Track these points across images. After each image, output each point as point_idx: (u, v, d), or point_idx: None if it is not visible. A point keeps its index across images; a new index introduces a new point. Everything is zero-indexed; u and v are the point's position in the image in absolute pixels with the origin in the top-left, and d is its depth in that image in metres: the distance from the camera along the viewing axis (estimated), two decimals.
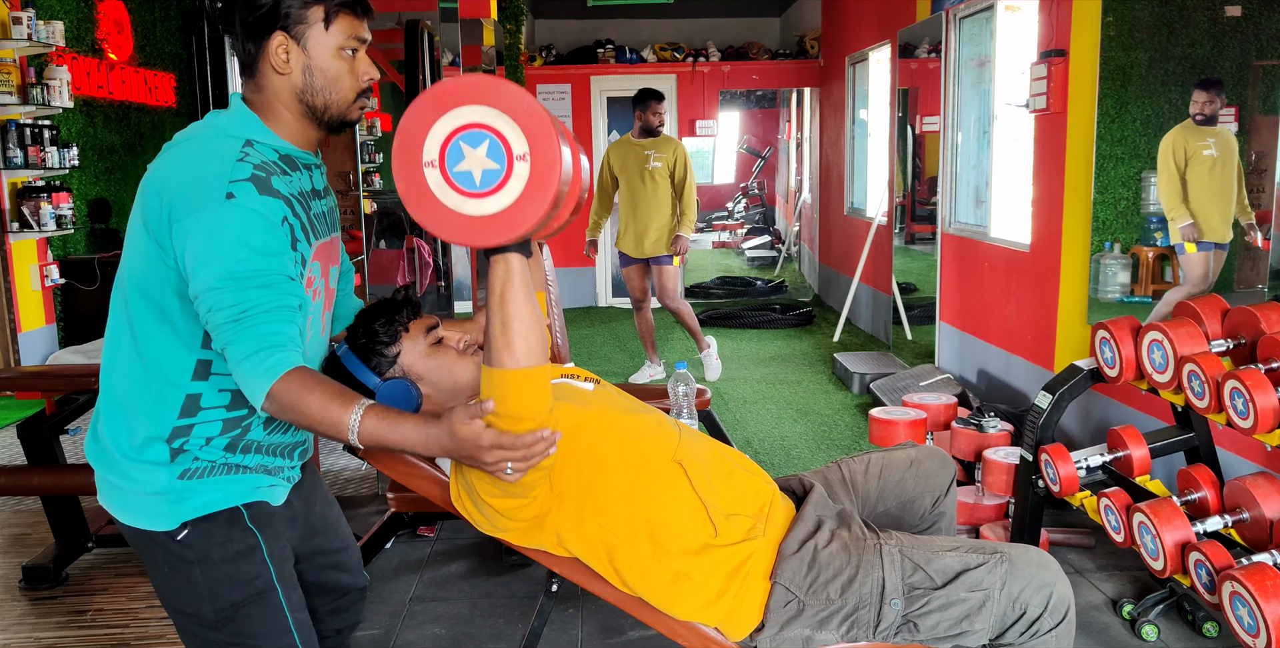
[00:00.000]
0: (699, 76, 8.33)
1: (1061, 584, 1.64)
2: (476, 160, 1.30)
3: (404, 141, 1.32)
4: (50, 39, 5.08)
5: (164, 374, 1.48)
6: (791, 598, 1.63)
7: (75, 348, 5.30)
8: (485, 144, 1.30)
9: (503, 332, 1.38)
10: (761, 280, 9.10)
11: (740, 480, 1.74)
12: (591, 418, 1.67)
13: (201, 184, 1.39)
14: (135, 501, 1.52)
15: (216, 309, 1.37)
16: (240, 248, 1.37)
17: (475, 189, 1.31)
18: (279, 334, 1.38)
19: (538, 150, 1.30)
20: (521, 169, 1.30)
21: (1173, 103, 3.25)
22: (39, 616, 2.82)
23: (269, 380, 1.35)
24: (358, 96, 1.55)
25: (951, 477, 1.96)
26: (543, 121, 1.30)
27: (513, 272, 1.37)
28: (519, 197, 1.30)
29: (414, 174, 1.32)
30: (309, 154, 1.58)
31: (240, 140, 1.46)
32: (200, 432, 1.51)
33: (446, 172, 1.31)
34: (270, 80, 1.51)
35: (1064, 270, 3.83)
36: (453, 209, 1.32)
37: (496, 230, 1.32)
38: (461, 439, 1.38)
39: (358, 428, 1.38)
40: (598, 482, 1.63)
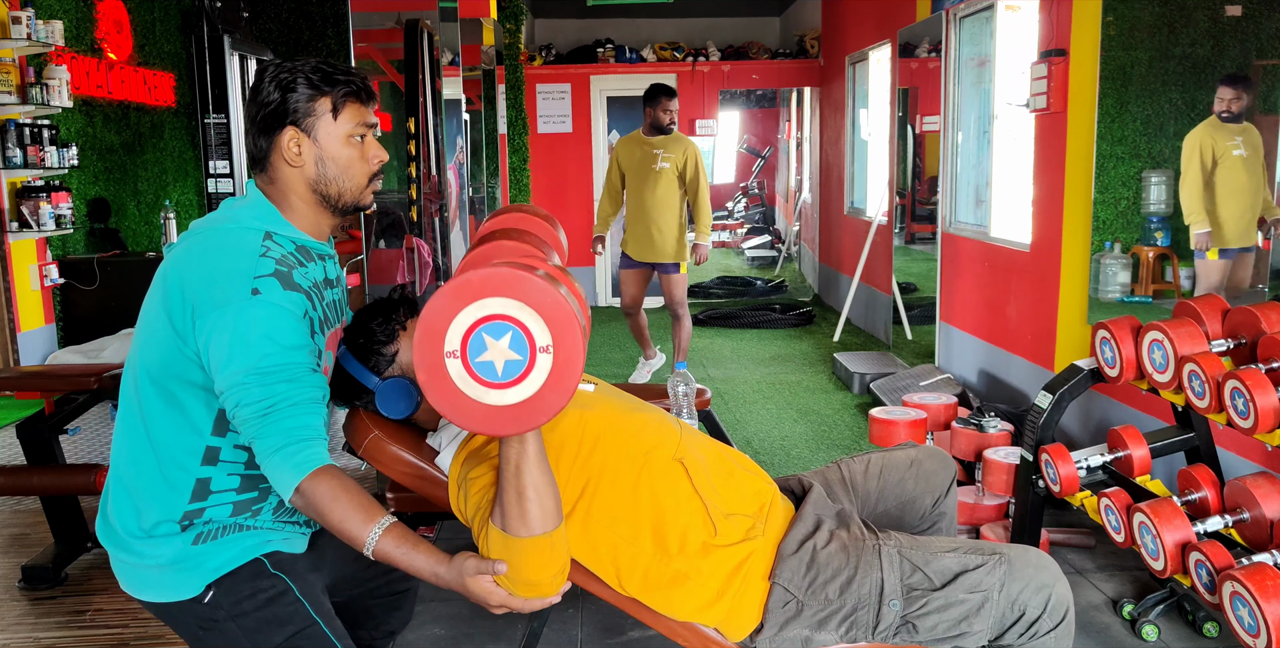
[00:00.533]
0: (699, 76, 8.33)
1: (1060, 586, 1.64)
2: (499, 351, 1.30)
3: (426, 331, 1.31)
4: (50, 38, 5.08)
5: (174, 459, 1.50)
6: (790, 598, 1.63)
7: (74, 348, 5.29)
8: (508, 336, 1.30)
9: (517, 501, 1.38)
10: (761, 280, 9.10)
11: (740, 480, 1.74)
12: (595, 419, 1.67)
13: (226, 279, 1.42)
14: (154, 576, 1.53)
15: (244, 404, 1.40)
16: (266, 343, 1.40)
17: (497, 380, 1.31)
18: (307, 428, 1.41)
19: (560, 342, 1.30)
20: (544, 361, 1.30)
21: (1173, 103, 3.25)
22: (38, 616, 2.81)
23: (299, 476, 1.39)
24: (370, 180, 1.57)
25: (952, 477, 1.96)
26: (567, 314, 1.30)
27: (528, 444, 1.37)
28: (541, 387, 1.30)
29: (435, 363, 1.31)
30: (323, 245, 1.60)
31: (260, 233, 1.49)
32: (211, 515, 1.53)
33: (468, 362, 1.31)
34: (283, 173, 1.53)
35: (1064, 270, 3.83)
36: (474, 399, 1.31)
37: (519, 420, 1.32)
38: (470, 593, 1.41)
39: (373, 547, 1.40)
40: (602, 483, 1.63)
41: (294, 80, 1.50)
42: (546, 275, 1.32)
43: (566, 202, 8.38)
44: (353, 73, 1.54)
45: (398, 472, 1.74)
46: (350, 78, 1.53)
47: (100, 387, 2.93)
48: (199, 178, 7.11)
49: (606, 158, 8.44)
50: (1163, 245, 3.37)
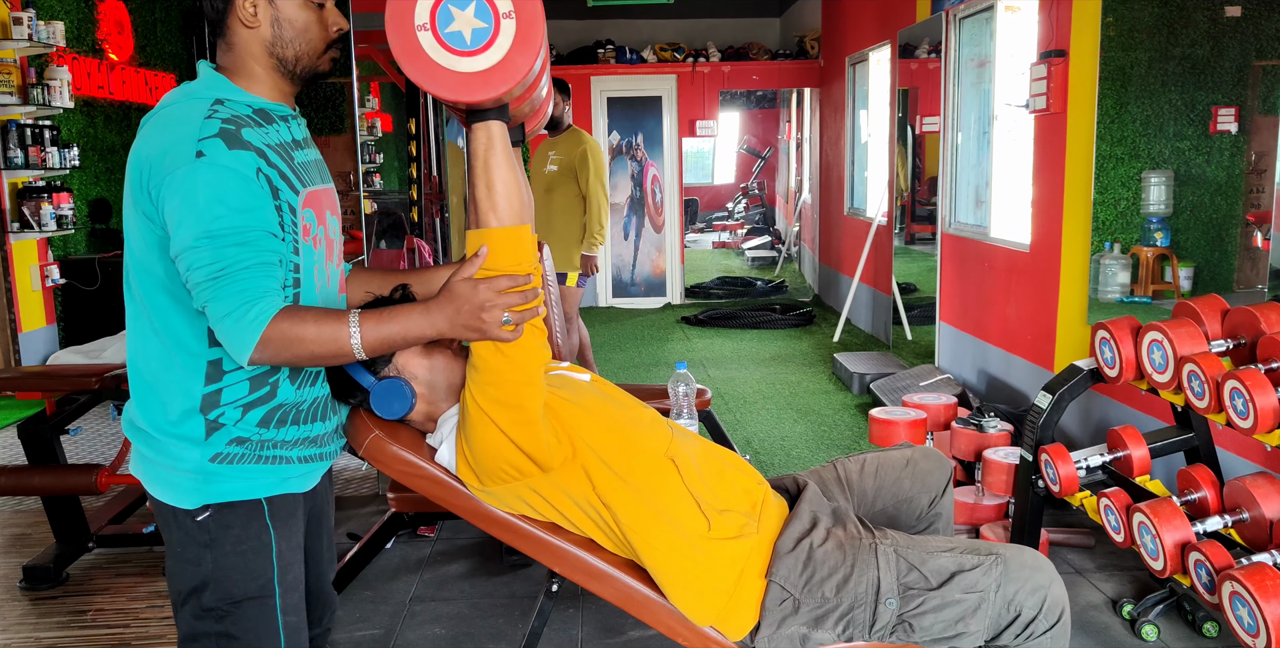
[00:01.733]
0: (699, 77, 8.33)
1: (1056, 586, 1.64)
2: (465, 21, 1.39)
3: (395, 7, 1.39)
4: (51, 39, 5.08)
5: (182, 345, 1.49)
6: (787, 596, 1.63)
7: (75, 348, 5.30)
8: (472, 5, 1.39)
9: (487, 194, 1.45)
10: (761, 280, 9.10)
11: (731, 479, 1.75)
12: (587, 412, 1.67)
13: (172, 146, 1.40)
14: (165, 475, 1.53)
15: (194, 268, 1.38)
16: (214, 205, 1.37)
17: (467, 48, 1.40)
18: (257, 288, 1.38)
19: (521, 7, 1.40)
20: (508, 25, 1.40)
21: (1172, 103, 3.25)
22: (39, 616, 2.82)
23: (256, 330, 1.36)
24: (328, 47, 1.56)
25: (948, 477, 1.97)
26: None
27: (494, 138, 1.45)
28: (508, 51, 1.40)
29: (408, 37, 1.40)
30: (284, 106, 1.57)
31: (209, 100, 1.46)
32: (230, 396, 1.50)
33: (438, 33, 1.40)
34: (240, 36, 1.51)
35: (1064, 270, 3.83)
36: (447, 67, 1.40)
37: (491, 83, 1.40)
38: (459, 294, 1.42)
39: (358, 333, 1.40)
40: (599, 469, 1.63)
41: None
42: None
43: None
44: None
45: (398, 472, 1.75)
46: None
47: (101, 387, 2.93)
48: None
49: (608, 158, 8.45)
50: (1162, 246, 3.37)
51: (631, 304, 8.51)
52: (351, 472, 3.96)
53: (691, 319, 7.54)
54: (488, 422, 1.55)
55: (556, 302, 3.27)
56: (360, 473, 3.93)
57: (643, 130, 8.44)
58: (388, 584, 2.95)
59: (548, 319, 3.21)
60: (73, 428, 3.19)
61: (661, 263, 8.58)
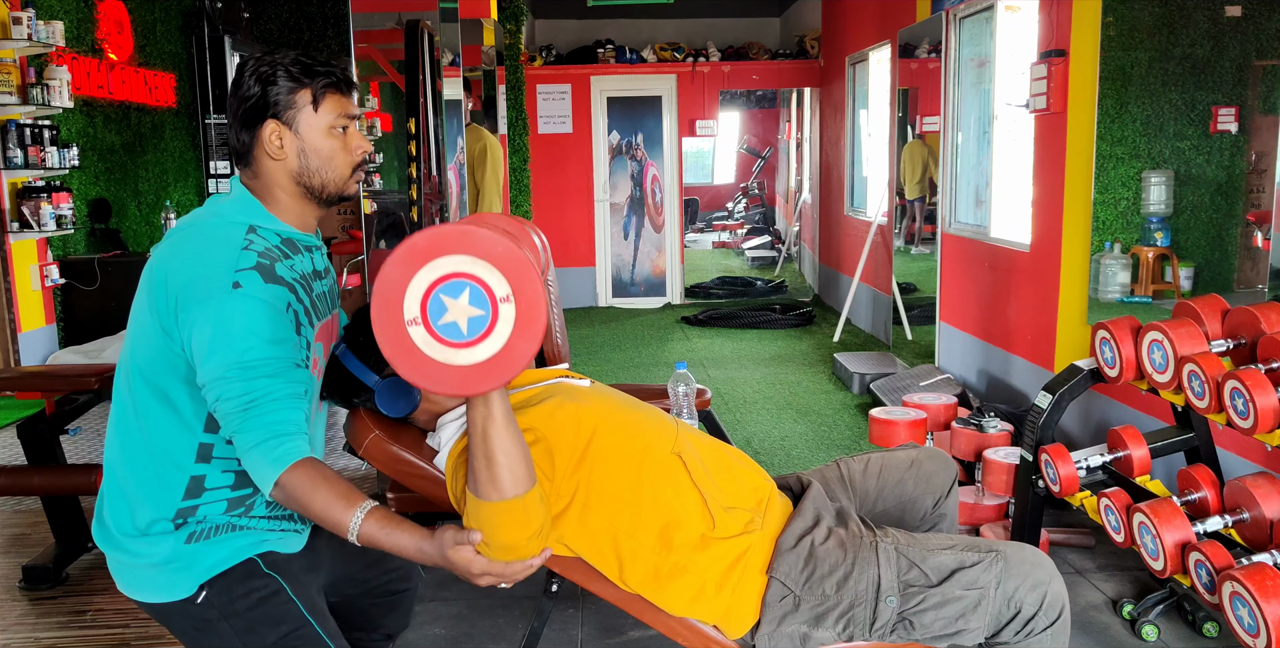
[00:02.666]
0: (699, 76, 8.33)
1: (1056, 583, 1.64)
2: (460, 310, 1.27)
3: (382, 302, 1.27)
4: (50, 39, 5.08)
5: (168, 456, 1.51)
6: (787, 593, 1.63)
7: (75, 348, 5.30)
8: (466, 292, 1.27)
9: (487, 466, 1.37)
10: (761, 280, 9.10)
11: (739, 475, 1.75)
12: (590, 413, 1.67)
13: (208, 273, 1.42)
14: (148, 575, 1.53)
15: (225, 398, 1.40)
16: (248, 337, 1.40)
17: (463, 339, 1.27)
18: (287, 422, 1.41)
19: (520, 289, 1.27)
20: (507, 311, 1.27)
21: (1172, 103, 3.25)
22: (39, 616, 2.82)
23: (277, 470, 1.38)
24: (353, 171, 1.57)
25: (953, 479, 1.96)
26: (520, 260, 1.28)
27: (493, 408, 1.35)
28: (510, 337, 1.28)
29: (398, 334, 1.27)
30: (310, 237, 1.60)
31: (244, 227, 1.49)
32: (204, 512, 1.53)
33: (431, 326, 1.27)
34: (266, 166, 1.53)
35: (1064, 270, 3.83)
36: (444, 363, 1.28)
37: (493, 375, 1.29)
38: (453, 564, 1.40)
39: (357, 531, 1.40)
40: (600, 475, 1.63)
41: (274, 73, 1.50)
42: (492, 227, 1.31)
43: (566, 202, 8.38)
44: (332, 65, 1.54)
45: (398, 472, 1.75)
46: (330, 69, 1.54)
47: (101, 387, 2.93)
48: (200, 178, 7.12)
49: (608, 158, 8.45)
50: (1163, 246, 3.37)
51: (631, 304, 8.51)
52: (351, 472, 3.96)
53: (691, 319, 7.54)
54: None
55: (556, 301, 3.27)
56: (360, 473, 3.93)
57: (643, 130, 8.44)
58: None
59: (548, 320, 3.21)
60: (72, 428, 3.18)
61: (661, 263, 8.58)
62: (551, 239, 8.81)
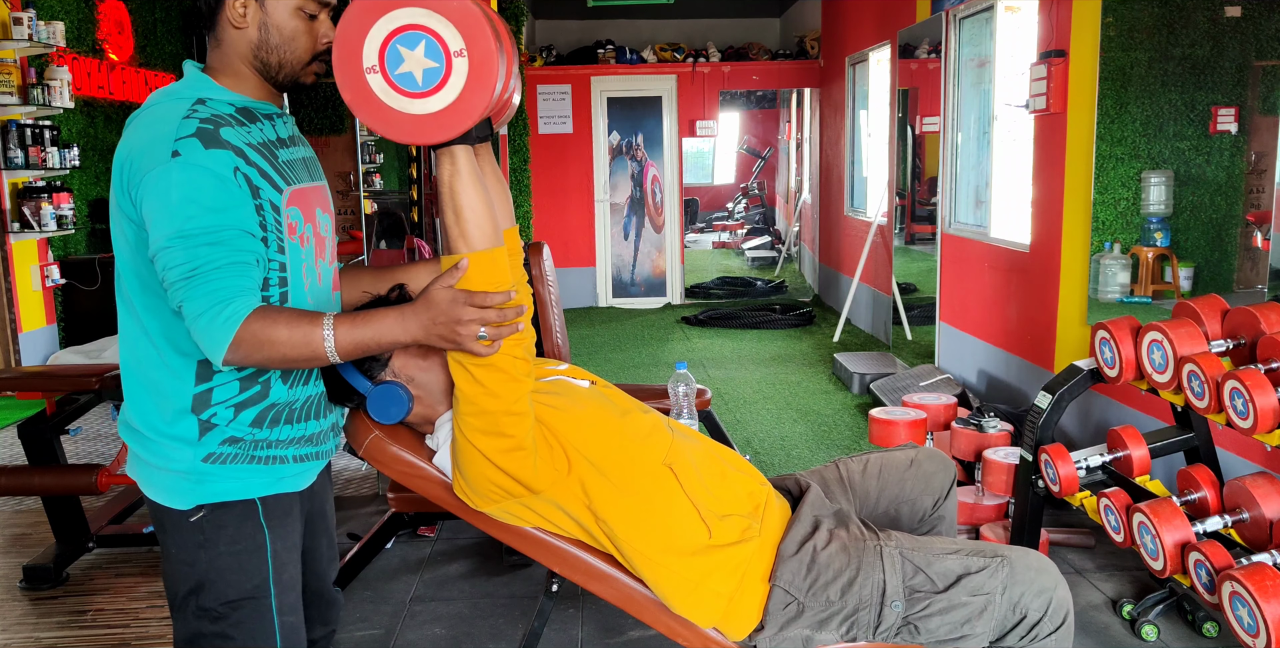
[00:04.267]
0: (699, 77, 8.33)
1: (1061, 589, 1.64)
2: (416, 61, 1.34)
3: (343, 50, 1.34)
4: (51, 39, 5.08)
5: (171, 345, 1.49)
6: (791, 600, 1.63)
7: (76, 348, 5.30)
8: (422, 44, 1.33)
9: (456, 221, 1.43)
10: (761, 280, 9.10)
11: (734, 481, 1.74)
12: (581, 424, 1.65)
13: (150, 146, 1.40)
14: (159, 477, 1.53)
15: (168, 268, 1.38)
16: (187, 205, 1.37)
17: (419, 89, 1.34)
18: (230, 288, 1.37)
19: (473, 45, 1.33)
20: (460, 65, 1.33)
21: (1172, 103, 3.25)
22: (39, 616, 2.82)
23: (229, 331, 1.35)
24: (313, 59, 1.55)
25: (952, 479, 1.96)
26: (475, 16, 1.33)
27: (459, 163, 1.41)
28: (462, 91, 1.34)
29: (357, 81, 1.35)
30: (268, 104, 1.57)
31: (190, 100, 1.47)
32: (220, 395, 1.50)
33: (389, 75, 1.34)
34: (228, 34, 1.51)
35: (1064, 270, 3.83)
36: (400, 111, 1.35)
37: (445, 126, 1.36)
38: (436, 303, 1.40)
39: (332, 337, 1.38)
40: (595, 486, 1.63)
41: None
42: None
43: (567, 202, 8.38)
44: None
45: (398, 472, 1.75)
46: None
47: (101, 387, 2.93)
48: None
49: (608, 158, 8.45)
50: (1162, 246, 3.37)
51: (631, 304, 8.51)
52: (351, 472, 3.96)
53: (691, 319, 7.54)
54: (473, 449, 1.56)
55: (557, 301, 3.27)
56: (360, 473, 3.93)
57: (643, 130, 8.45)
58: (388, 584, 2.95)
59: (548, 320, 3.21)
60: (73, 428, 3.19)
61: (661, 263, 8.58)
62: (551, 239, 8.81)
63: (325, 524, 1.79)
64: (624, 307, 8.46)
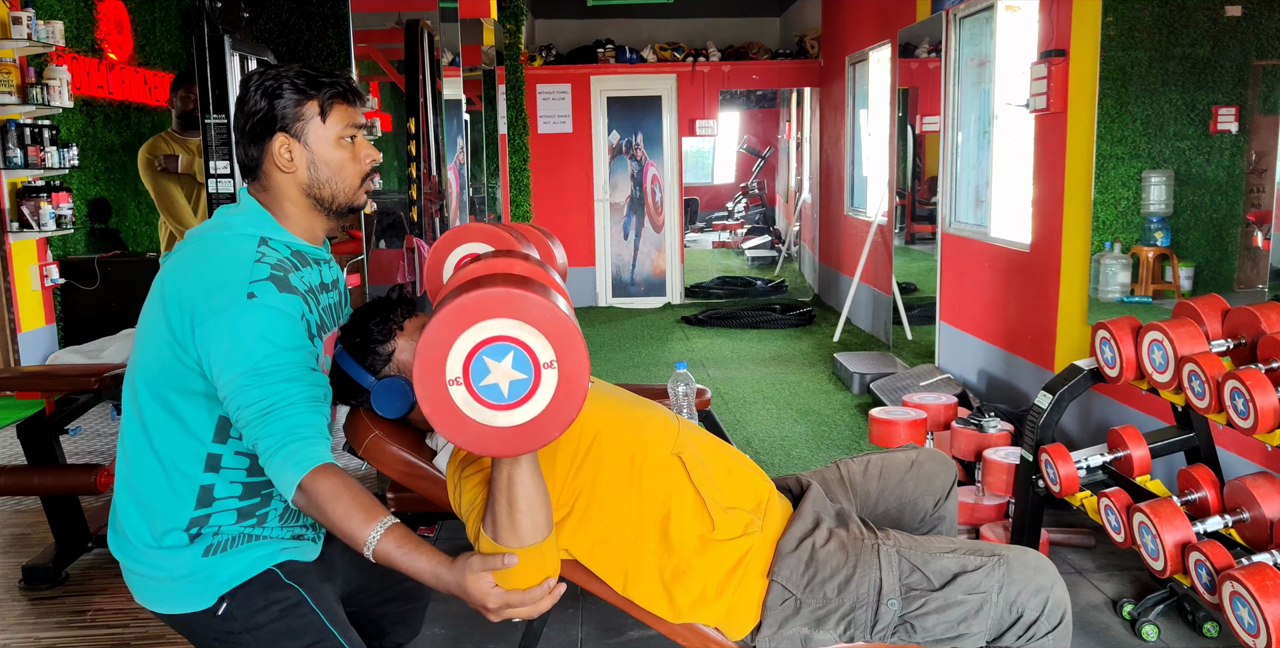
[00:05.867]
0: (699, 76, 8.33)
1: (1058, 588, 1.64)
2: (503, 373, 1.26)
3: (426, 361, 1.27)
4: (50, 39, 5.08)
5: (177, 467, 1.51)
6: (788, 596, 1.63)
7: (75, 348, 5.28)
8: (510, 356, 1.26)
9: (509, 513, 1.36)
10: (761, 280, 9.10)
11: (739, 476, 1.75)
12: (592, 416, 1.67)
13: (222, 285, 1.42)
14: (167, 588, 1.54)
15: (244, 405, 1.40)
16: (263, 344, 1.40)
17: (504, 401, 1.27)
18: (308, 426, 1.40)
19: (564, 356, 1.27)
20: (549, 376, 1.27)
21: (1172, 103, 3.25)
22: (39, 616, 2.82)
23: (300, 473, 1.37)
24: (362, 181, 1.58)
25: (953, 480, 1.96)
26: (568, 327, 1.28)
27: (522, 457, 1.35)
28: (550, 403, 1.27)
29: (439, 393, 1.27)
30: (318, 249, 1.61)
31: (255, 239, 1.49)
32: (216, 521, 1.53)
33: (473, 387, 1.27)
34: (276, 179, 1.54)
35: (1064, 270, 3.83)
36: (484, 423, 1.28)
37: (532, 438, 1.29)
38: (470, 593, 1.37)
39: (373, 548, 1.38)
40: (601, 480, 1.63)
41: (279, 87, 1.51)
42: (541, 287, 1.29)
43: (566, 202, 8.38)
44: (337, 75, 1.55)
45: (398, 472, 1.75)
46: (335, 80, 1.54)
47: (101, 387, 2.93)
48: None
49: (608, 158, 8.45)
50: (1163, 246, 3.37)
51: (631, 304, 8.51)
52: (351, 472, 3.96)
53: (691, 319, 7.54)
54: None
55: None
56: (360, 473, 3.93)
57: (643, 130, 8.44)
58: None
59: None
60: (72, 428, 3.19)
61: (661, 263, 8.58)
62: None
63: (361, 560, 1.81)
64: (624, 306, 8.46)
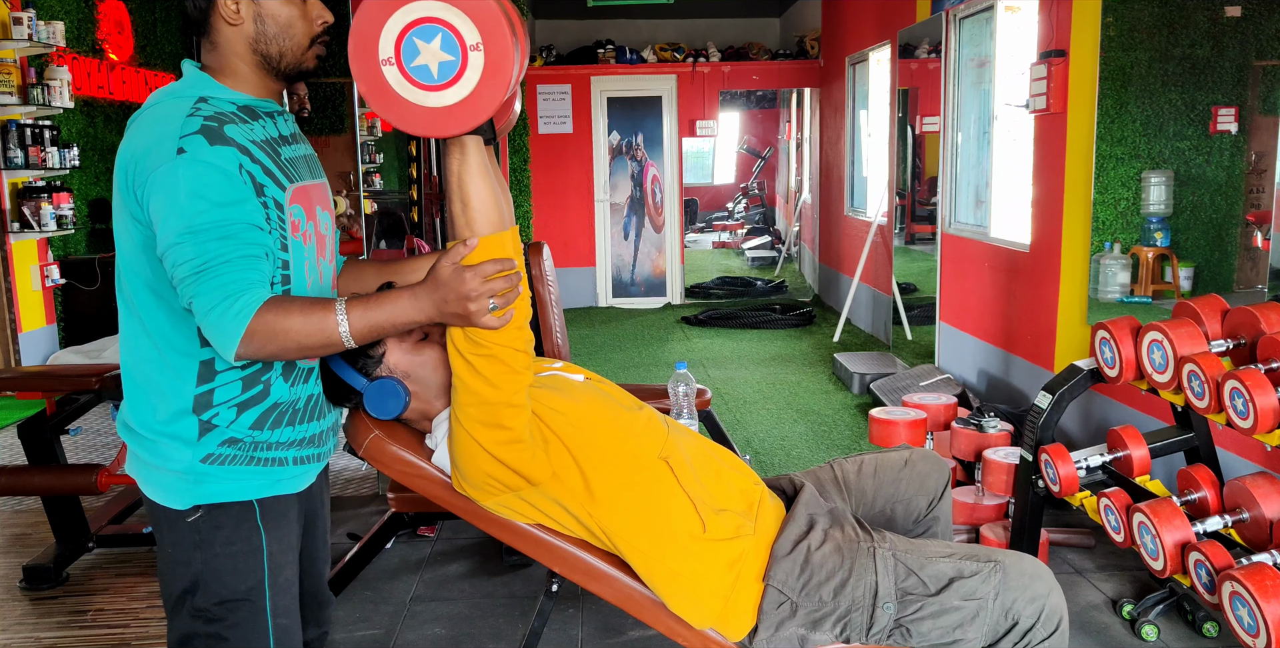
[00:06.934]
0: (699, 77, 8.33)
1: (1055, 595, 1.64)
2: (432, 54, 1.34)
3: (359, 42, 1.35)
4: (51, 39, 5.08)
5: (173, 345, 1.49)
6: (784, 600, 1.63)
7: (76, 348, 5.30)
8: (439, 37, 1.33)
9: (463, 210, 1.43)
10: (761, 280, 9.10)
11: (728, 479, 1.75)
12: (579, 413, 1.67)
13: (155, 145, 1.40)
14: (157, 476, 1.53)
15: (178, 264, 1.37)
16: (195, 201, 1.37)
17: (434, 82, 1.35)
18: (241, 282, 1.37)
19: (490, 39, 1.33)
20: (476, 58, 1.34)
21: (1172, 103, 3.25)
22: (39, 616, 2.82)
23: (241, 323, 1.34)
24: (312, 42, 1.55)
25: (946, 480, 1.96)
26: (491, 10, 1.33)
27: (468, 153, 1.42)
28: (477, 85, 1.34)
29: (373, 73, 1.35)
30: (269, 102, 1.57)
31: (192, 99, 1.46)
32: (222, 396, 1.50)
33: (404, 67, 1.34)
34: (223, 33, 1.51)
35: (1064, 270, 3.83)
36: (415, 103, 1.36)
37: (460, 119, 1.36)
38: (445, 280, 1.39)
39: (346, 320, 1.37)
40: (590, 476, 1.63)
41: None
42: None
43: (566, 202, 8.39)
44: None
45: (398, 472, 1.75)
46: None
47: (101, 387, 2.93)
48: None
49: (608, 158, 8.45)
50: (1162, 246, 3.37)
51: (631, 304, 8.51)
52: (351, 472, 3.96)
53: (691, 319, 7.54)
54: (472, 441, 1.56)
55: (557, 301, 3.27)
56: (360, 473, 3.93)
57: (643, 130, 8.45)
58: (388, 584, 2.95)
59: (548, 320, 3.21)
60: (73, 428, 3.19)
61: (661, 263, 8.58)
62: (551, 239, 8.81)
63: (321, 526, 1.78)
64: (624, 307, 8.46)
